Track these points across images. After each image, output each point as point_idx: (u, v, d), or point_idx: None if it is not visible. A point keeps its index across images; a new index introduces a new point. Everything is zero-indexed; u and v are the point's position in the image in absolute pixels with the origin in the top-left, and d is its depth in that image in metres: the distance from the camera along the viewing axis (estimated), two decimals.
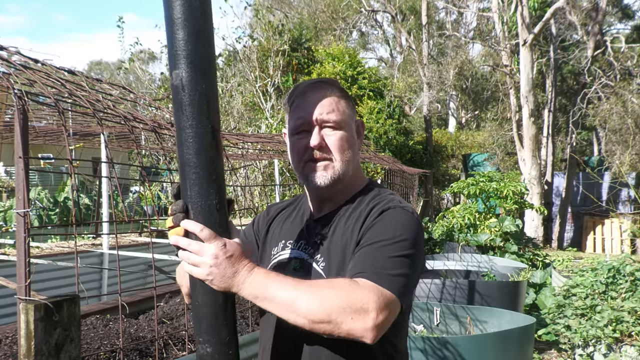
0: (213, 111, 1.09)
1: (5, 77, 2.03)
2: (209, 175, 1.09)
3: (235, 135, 5.43)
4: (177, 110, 1.09)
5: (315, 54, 15.34)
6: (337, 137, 1.31)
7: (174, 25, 1.07)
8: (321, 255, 1.31)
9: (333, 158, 1.31)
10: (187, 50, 1.06)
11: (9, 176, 14.67)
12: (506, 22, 14.93)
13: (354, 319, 1.07)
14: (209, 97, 1.08)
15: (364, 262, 1.18)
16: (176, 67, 1.07)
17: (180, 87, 1.07)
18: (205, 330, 1.12)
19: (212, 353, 1.12)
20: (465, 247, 7.36)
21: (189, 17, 1.06)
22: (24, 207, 2.00)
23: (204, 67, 1.08)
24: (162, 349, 3.29)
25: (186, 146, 1.08)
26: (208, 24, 1.09)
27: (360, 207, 1.33)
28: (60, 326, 1.74)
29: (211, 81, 1.09)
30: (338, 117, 1.32)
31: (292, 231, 1.41)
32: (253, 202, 11.16)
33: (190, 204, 1.10)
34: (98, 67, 41.23)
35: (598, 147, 20.40)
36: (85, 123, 6.16)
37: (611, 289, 4.61)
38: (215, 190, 1.09)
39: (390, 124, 13.92)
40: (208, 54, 1.09)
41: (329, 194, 1.36)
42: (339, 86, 1.39)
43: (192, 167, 1.08)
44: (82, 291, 4.72)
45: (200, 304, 1.13)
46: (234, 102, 13.66)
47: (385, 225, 1.23)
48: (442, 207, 18.30)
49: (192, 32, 1.06)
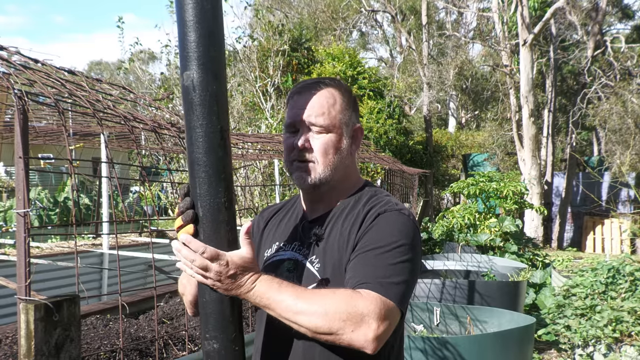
0: (223, 112, 1.12)
1: (5, 77, 2.04)
2: (218, 174, 1.11)
3: (235, 135, 5.43)
4: (188, 110, 1.11)
5: (315, 54, 15.34)
6: (322, 141, 1.30)
7: (186, 27, 1.09)
8: (316, 257, 1.30)
9: (315, 161, 1.30)
10: (198, 51, 1.09)
11: (9, 176, 14.67)
12: (506, 22, 14.93)
13: (354, 331, 1.08)
14: (219, 98, 1.11)
15: (364, 271, 1.18)
16: (187, 68, 1.09)
17: (191, 88, 1.09)
18: (212, 327, 1.14)
19: (218, 349, 1.14)
20: (465, 247, 7.36)
21: (201, 19, 1.08)
22: (24, 207, 2.00)
23: (214, 68, 1.10)
24: (162, 349, 3.29)
25: (196, 145, 1.10)
26: (219, 26, 1.11)
27: (356, 210, 1.33)
28: (60, 326, 1.74)
29: (221, 82, 1.11)
30: (326, 121, 1.30)
31: (286, 233, 1.41)
32: (253, 202, 11.17)
33: (199, 202, 1.12)
34: (98, 67, 41.23)
35: (598, 147, 20.39)
36: (85, 123, 6.16)
37: (611, 289, 4.61)
38: (224, 188, 1.11)
39: (390, 124, 13.93)
40: (219, 55, 1.11)
41: (318, 196, 1.36)
42: (340, 87, 1.36)
43: (202, 166, 1.10)
44: (82, 291, 4.72)
45: (207, 301, 1.14)
46: (234, 102, 13.65)
47: (382, 230, 1.23)
48: (442, 207, 18.30)
49: (204, 34, 1.09)
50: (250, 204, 10.35)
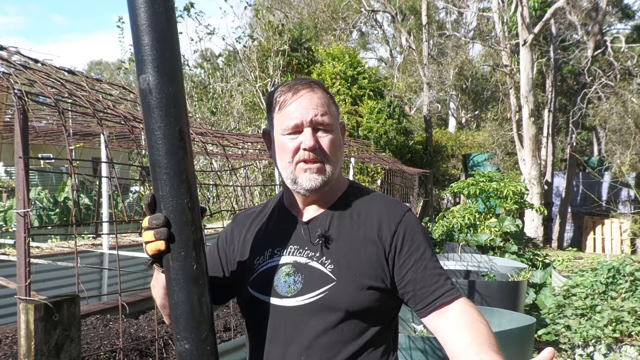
0: (181, 113, 1.12)
1: (5, 77, 2.04)
2: (179, 175, 1.11)
3: (235, 135, 5.43)
4: (146, 113, 1.12)
5: (315, 54, 15.34)
6: (330, 139, 1.30)
7: (139, 31, 1.10)
8: (327, 258, 1.28)
9: (325, 160, 1.30)
10: (152, 55, 1.09)
11: (9, 176, 14.67)
12: (506, 22, 14.93)
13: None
14: (176, 100, 1.11)
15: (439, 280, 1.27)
16: (143, 72, 1.10)
17: (147, 91, 1.10)
18: (183, 328, 1.14)
19: (190, 350, 1.14)
20: (465, 247, 7.36)
21: (153, 22, 1.09)
22: (24, 207, 2.00)
23: (169, 70, 1.11)
24: (162, 349, 3.29)
25: (156, 148, 1.11)
26: (172, 29, 1.12)
27: (362, 210, 1.33)
28: (60, 326, 1.74)
29: (177, 84, 1.12)
30: (331, 120, 1.32)
31: (278, 237, 1.37)
32: (253, 202, 11.16)
33: (162, 204, 1.12)
34: (98, 67, 41.23)
35: (598, 147, 20.38)
36: (85, 123, 6.17)
37: (611, 289, 4.61)
38: (186, 189, 1.12)
39: (390, 124, 13.93)
40: (173, 58, 1.12)
41: (315, 197, 1.34)
42: (323, 86, 1.39)
43: (163, 168, 1.11)
44: (82, 291, 4.71)
45: (176, 302, 1.15)
46: (234, 102, 13.64)
47: (415, 233, 1.32)
48: (442, 207, 18.30)
49: (157, 37, 1.09)
50: (250, 204, 10.34)
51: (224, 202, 11.16)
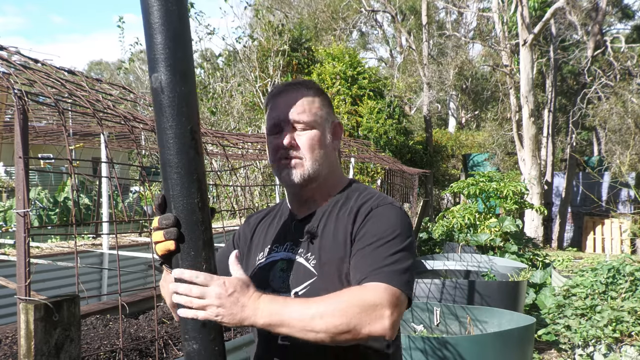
0: (192, 112, 1.12)
1: (5, 77, 2.04)
2: (190, 175, 1.11)
3: (235, 135, 5.43)
4: (158, 112, 1.11)
5: (315, 54, 15.34)
6: (308, 137, 1.34)
7: (152, 29, 1.10)
8: (311, 254, 1.32)
9: (303, 157, 1.34)
10: (165, 53, 1.09)
11: (9, 176, 14.67)
12: (506, 22, 14.93)
13: (371, 323, 1.11)
14: (188, 99, 1.11)
15: (367, 265, 1.21)
16: (155, 71, 1.10)
17: (159, 90, 1.10)
18: (191, 328, 1.14)
19: (198, 350, 1.14)
20: (465, 247, 7.36)
21: (167, 21, 1.09)
22: (24, 207, 2.00)
23: (182, 69, 1.10)
24: (162, 349, 3.29)
25: (167, 147, 1.11)
26: (185, 28, 1.12)
27: (348, 206, 1.35)
28: (60, 326, 1.74)
29: (189, 83, 1.12)
30: (309, 118, 1.35)
31: (277, 235, 1.43)
32: (253, 202, 11.16)
33: (172, 204, 1.12)
34: (98, 67, 41.23)
35: (598, 147, 20.38)
36: (85, 123, 6.17)
37: (611, 289, 4.61)
38: (197, 189, 1.12)
39: (390, 124, 13.92)
40: (186, 56, 1.12)
41: (307, 194, 1.39)
42: (315, 87, 1.42)
43: (174, 167, 1.11)
44: (82, 291, 4.72)
45: None
46: (234, 102, 13.65)
47: (378, 223, 1.27)
48: (442, 207, 18.30)
49: (170, 36, 1.09)
50: (250, 204, 10.35)
51: (224, 202, 11.17)
